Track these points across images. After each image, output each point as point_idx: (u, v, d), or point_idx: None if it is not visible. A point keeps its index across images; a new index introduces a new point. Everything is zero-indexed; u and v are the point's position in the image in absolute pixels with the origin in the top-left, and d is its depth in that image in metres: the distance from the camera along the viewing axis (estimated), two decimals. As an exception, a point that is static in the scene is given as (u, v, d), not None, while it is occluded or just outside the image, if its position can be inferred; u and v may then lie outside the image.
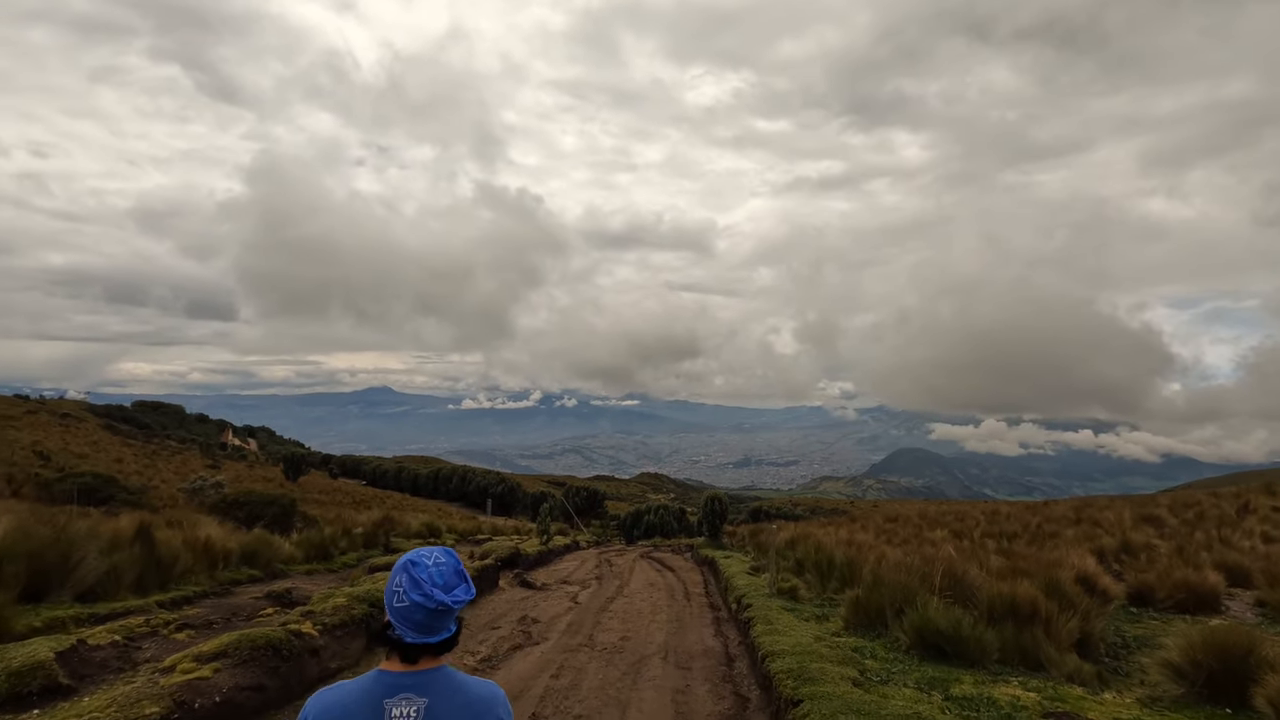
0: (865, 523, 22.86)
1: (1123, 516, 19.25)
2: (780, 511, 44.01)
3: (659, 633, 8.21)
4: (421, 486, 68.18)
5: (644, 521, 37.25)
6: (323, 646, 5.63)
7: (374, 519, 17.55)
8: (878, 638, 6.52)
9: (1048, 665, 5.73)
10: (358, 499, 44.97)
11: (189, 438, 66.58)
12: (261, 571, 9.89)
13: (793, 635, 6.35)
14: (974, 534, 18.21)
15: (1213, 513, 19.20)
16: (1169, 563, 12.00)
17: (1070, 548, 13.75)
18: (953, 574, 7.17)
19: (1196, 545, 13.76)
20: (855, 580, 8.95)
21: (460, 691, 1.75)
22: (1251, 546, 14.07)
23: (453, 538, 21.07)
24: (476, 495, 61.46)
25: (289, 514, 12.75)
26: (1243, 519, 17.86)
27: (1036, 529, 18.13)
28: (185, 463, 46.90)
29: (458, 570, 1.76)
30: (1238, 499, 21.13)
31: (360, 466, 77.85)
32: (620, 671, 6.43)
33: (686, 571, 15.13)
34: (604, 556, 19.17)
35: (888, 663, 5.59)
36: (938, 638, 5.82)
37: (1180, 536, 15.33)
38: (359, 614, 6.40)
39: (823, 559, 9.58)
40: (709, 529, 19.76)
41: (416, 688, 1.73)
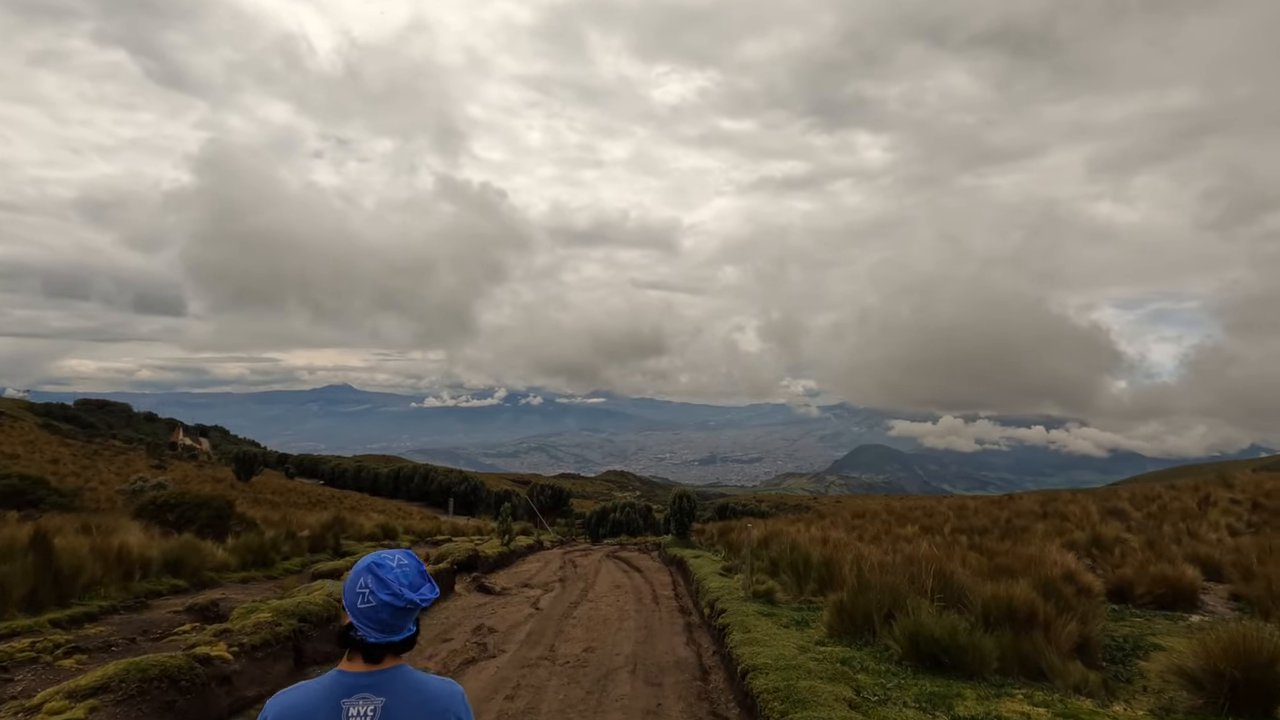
0: (835, 519, 22.56)
1: (1089, 510, 19.27)
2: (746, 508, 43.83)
3: (626, 642, 7.57)
4: (382, 486, 66.52)
5: (610, 520, 36.63)
6: (237, 672, 4.84)
7: (323, 521, 16.52)
8: (865, 646, 5.98)
9: (1050, 674, 5.26)
10: (314, 500, 43.37)
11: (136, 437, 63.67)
12: (188, 581, 8.94)
13: (774, 645, 5.77)
14: (944, 529, 18.00)
15: (1174, 505, 19.34)
16: (1144, 557, 11.82)
17: (1043, 543, 13.52)
18: (941, 575, 6.69)
19: (1166, 539, 13.68)
20: (834, 581, 8.44)
21: (418, 690, 1.75)
22: (1219, 539, 14.03)
23: (410, 539, 20.13)
24: (439, 495, 60.08)
25: (225, 517, 11.75)
26: (1204, 511, 17.99)
27: (1006, 524, 18.00)
28: (129, 463, 44.62)
29: (421, 571, 1.77)
30: (1196, 492, 21.40)
31: (318, 466, 75.72)
32: (584, 690, 5.77)
33: (654, 572, 14.52)
34: (569, 557, 18.45)
35: (881, 677, 5.05)
36: (933, 647, 5.30)
37: (1148, 530, 15.28)
38: (285, 631, 5.60)
39: (799, 559, 9.06)
40: (677, 527, 19.20)
41: (374, 687, 1.73)
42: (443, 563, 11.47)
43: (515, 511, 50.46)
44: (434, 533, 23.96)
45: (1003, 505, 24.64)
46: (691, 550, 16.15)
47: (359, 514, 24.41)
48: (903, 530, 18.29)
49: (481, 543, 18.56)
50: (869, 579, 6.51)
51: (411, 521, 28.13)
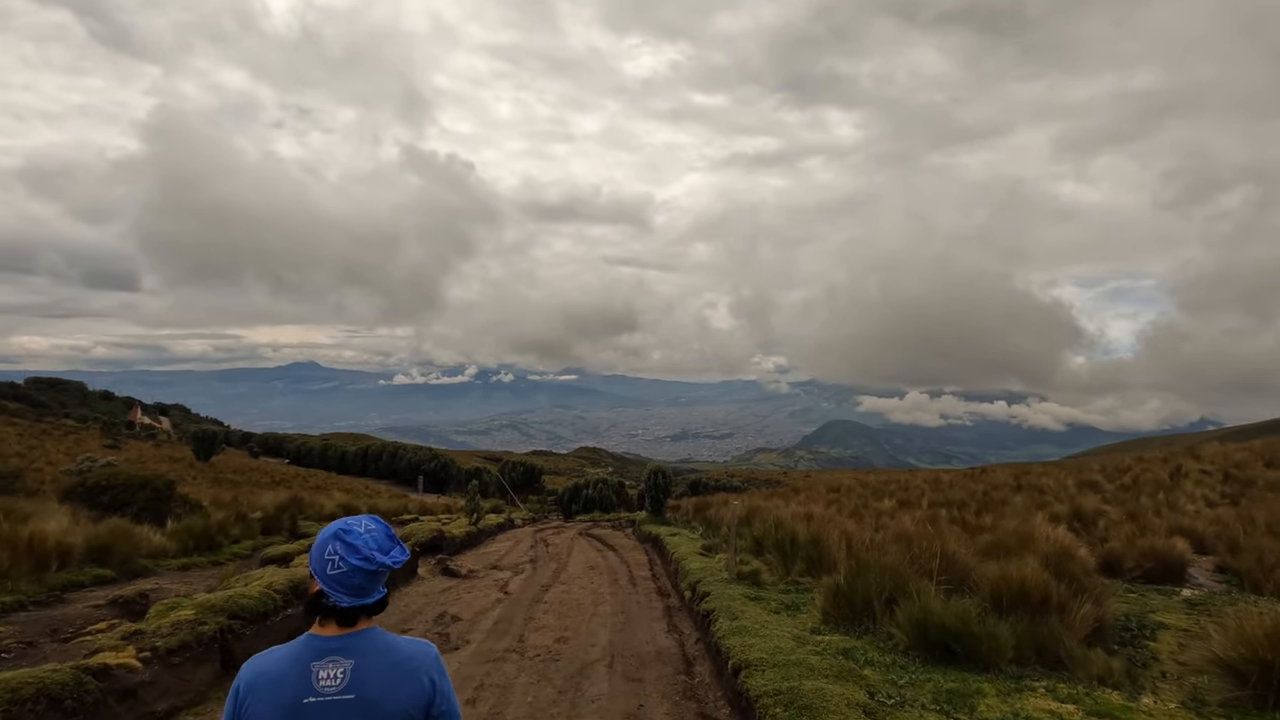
0: (810, 494, 22.29)
1: (1064, 483, 19.25)
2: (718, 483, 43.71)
3: (602, 630, 6.97)
4: (349, 464, 65.13)
5: (583, 496, 36.18)
6: (145, 684, 4.10)
7: (279, 501, 15.63)
8: (865, 634, 5.46)
9: (1069, 663, 4.80)
10: (277, 479, 42.12)
11: (91, 416, 61.21)
12: (116, 571, 8.09)
13: (766, 636, 5.20)
14: (922, 503, 17.78)
15: (1146, 478, 19.39)
16: (1129, 530, 11.59)
17: (1025, 516, 13.28)
18: (942, 554, 6.20)
19: (1146, 511, 13.54)
20: (824, 562, 7.95)
21: (389, 651, 1.73)
22: (1197, 510, 13.94)
23: (374, 519, 19.30)
24: (408, 472, 59.03)
25: (165, 498, 10.83)
26: (1177, 483, 18.03)
27: (983, 497, 17.84)
28: (80, 443, 42.72)
29: (389, 534, 1.77)
30: (1166, 464, 21.55)
31: (284, 445, 73.96)
32: (556, 688, 5.15)
33: (629, 551, 13.99)
34: (540, 535, 17.84)
35: (890, 672, 4.51)
36: (944, 636, 4.79)
37: (1126, 502, 15.17)
38: (209, 631, 4.85)
39: (784, 537, 8.54)
40: (652, 503, 18.69)
41: (344, 650, 1.69)
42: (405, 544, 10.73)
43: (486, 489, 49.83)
44: (400, 512, 23.13)
45: (976, 478, 24.65)
46: (668, 527, 15.64)
47: (321, 493, 23.47)
48: (880, 504, 18.04)
49: (449, 522, 17.83)
50: (867, 560, 5.98)
51: (378, 500, 27.23)
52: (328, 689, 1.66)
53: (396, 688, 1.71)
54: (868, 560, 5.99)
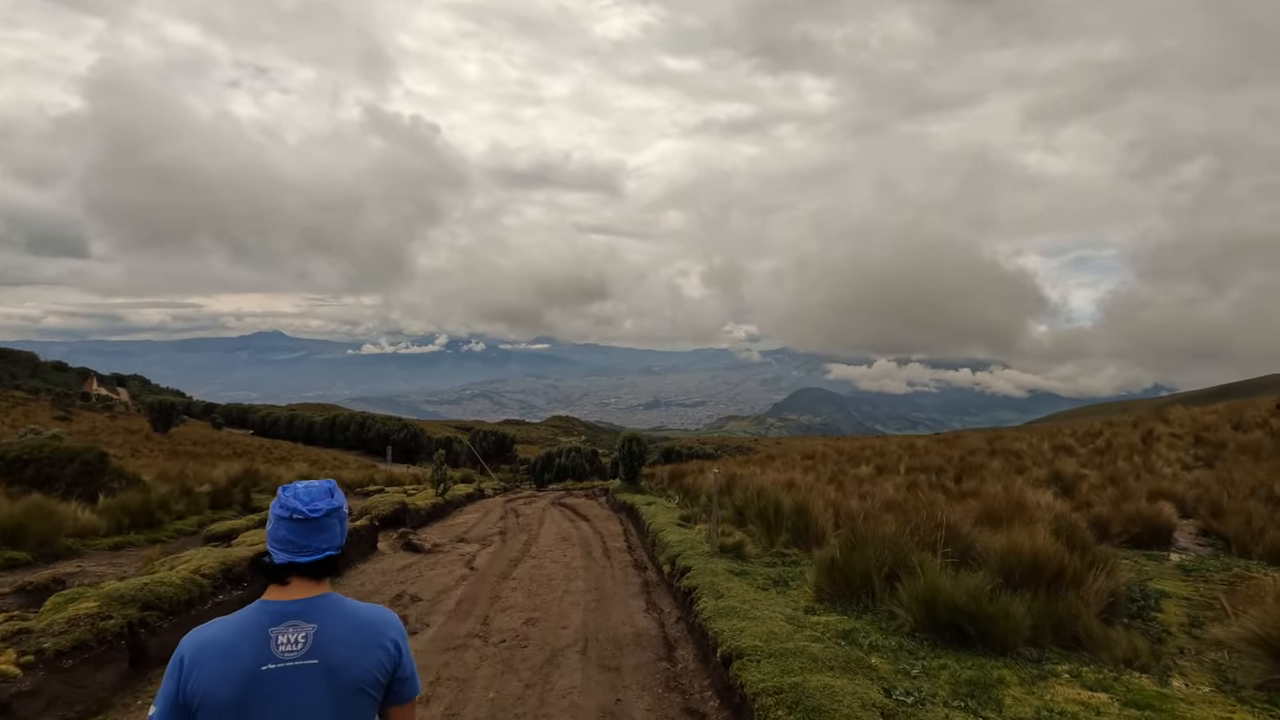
0: (787, 461, 22.02)
1: (1040, 447, 19.22)
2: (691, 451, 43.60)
3: (575, 610, 6.41)
4: (316, 435, 63.80)
5: (555, 465, 35.72)
6: (27, 693, 3.41)
7: (232, 473, 14.74)
8: (865, 613, 4.97)
9: (1090, 643, 4.37)
10: (239, 450, 40.85)
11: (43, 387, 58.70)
12: (33, 553, 7.28)
13: (757, 618, 4.68)
14: (899, 469, 17.57)
15: (1118, 441, 19.43)
16: (1113, 494, 11.39)
17: (1003, 481, 13.07)
18: (942, 524, 5.73)
19: (1124, 475, 13.42)
20: (810, 532, 7.48)
21: (350, 616, 1.67)
22: (1174, 474, 13.84)
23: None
24: (377, 443, 58.01)
25: (97, 471, 9.95)
26: (1149, 446, 18.07)
27: (961, 462, 17.65)
28: (29, 415, 40.80)
29: (329, 489, 1.73)
30: (1136, 428, 21.69)
31: (248, 416, 72.21)
32: (522, 681, 4.57)
33: (603, 521, 13.48)
34: (511, 506, 17.26)
35: (898, 658, 4.02)
36: (955, 616, 4.31)
37: (1105, 466, 15.08)
38: (115, 626, 4.14)
39: (767, 507, 8.05)
40: (626, 472, 18.19)
41: (305, 614, 1.61)
42: (363, 519, 10.04)
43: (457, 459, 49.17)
44: (365, 483, 22.33)
45: (950, 444, 24.64)
46: (643, 496, 15.16)
47: (283, 465, 22.52)
48: (858, 471, 17.80)
49: (415, 493, 17.13)
50: (864, 532, 5.47)
51: (344, 472, 26.38)
52: (288, 654, 1.58)
53: (362, 652, 1.64)
54: (865, 532, 5.49)
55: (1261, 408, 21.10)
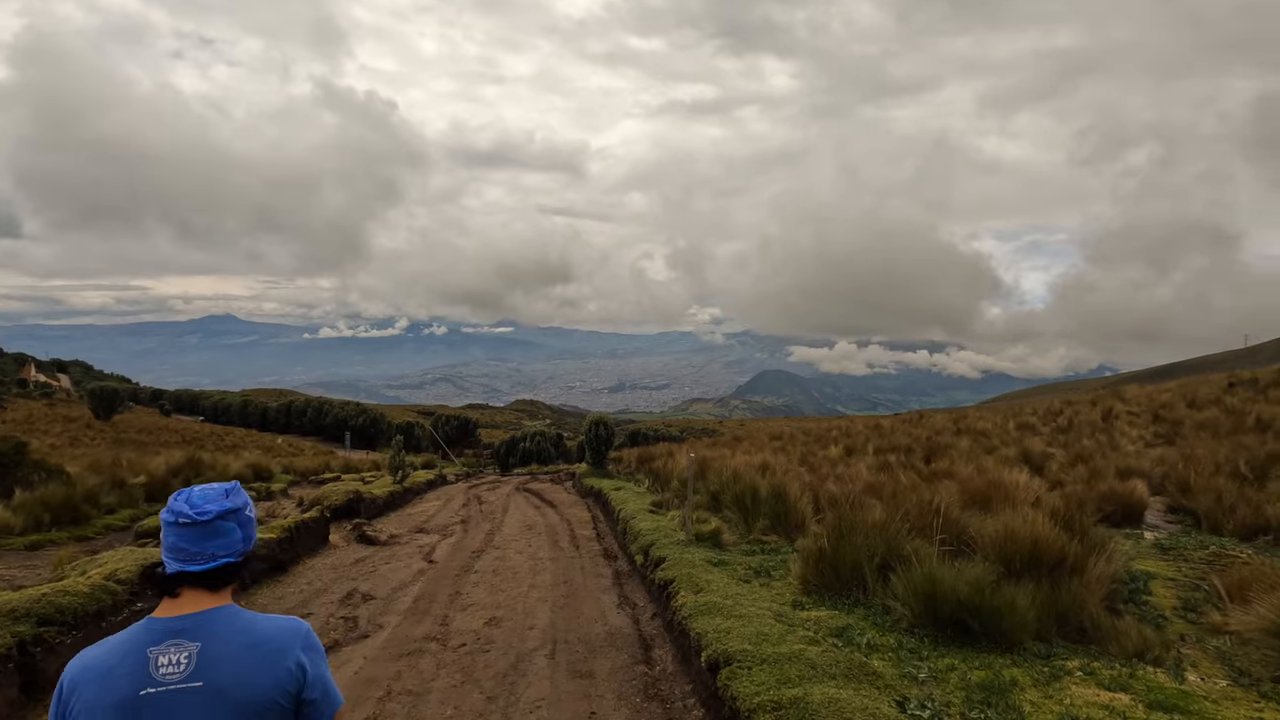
0: (755, 443, 21.84)
1: (1006, 426, 19.37)
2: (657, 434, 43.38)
3: (542, 606, 5.94)
4: (272, 421, 61.93)
5: (520, 449, 35.12)
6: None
7: (172, 463, 13.83)
8: (857, 606, 4.61)
9: (1097, 635, 4.08)
10: (189, 438, 39.20)
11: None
12: (-71, 555, 6.49)
13: (743, 615, 4.28)
14: (867, 449, 17.49)
15: (1080, 419, 19.70)
16: (1081, 473, 11.39)
17: (973, 460, 13.02)
18: (935, 509, 5.41)
19: (1091, 453, 13.48)
20: (790, 518, 7.14)
21: (246, 631, 1.47)
22: (1138, 451, 13.97)
23: (288, 479, 17.68)
24: (335, 429, 56.50)
25: (12, 463, 9.06)
26: (1110, 424, 18.34)
27: (928, 442, 17.64)
28: (-45, 403, 38.45)
29: (226, 490, 1.55)
30: (1095, 406, 22.07)
31: (199, 402, 69.67)
32: (484, 693, 4.09)
33: (570, 507, 13.01)
34: (474, 492, 16.67)
35: (901, 659, 3.65)
36: (957, 610, 3.97)
37: (1070, 444, 15.16)
38: (1, 646, 3.52)
39: (744, 492, 7.69)
40: (593, 456, 17.74)
41: (189, 631, 1.44)
42: (311, 510, 9.38)
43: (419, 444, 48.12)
44: (320, 470, 21.45)
45: (915, 423, 24.79)
46: (611, 481, 14.73)
47: (231, 453, 21.43)
48: (827, 452, 17.68)
49: (373, 481, 16.41)
50: (853, 519, 5.11)
51: (299, 459, 25.31)
52: (169, 677, 1.41)
53: (255, 674, 1.45)
54: (853, 519, 5.12)
55: (1214, 386, 21.64)
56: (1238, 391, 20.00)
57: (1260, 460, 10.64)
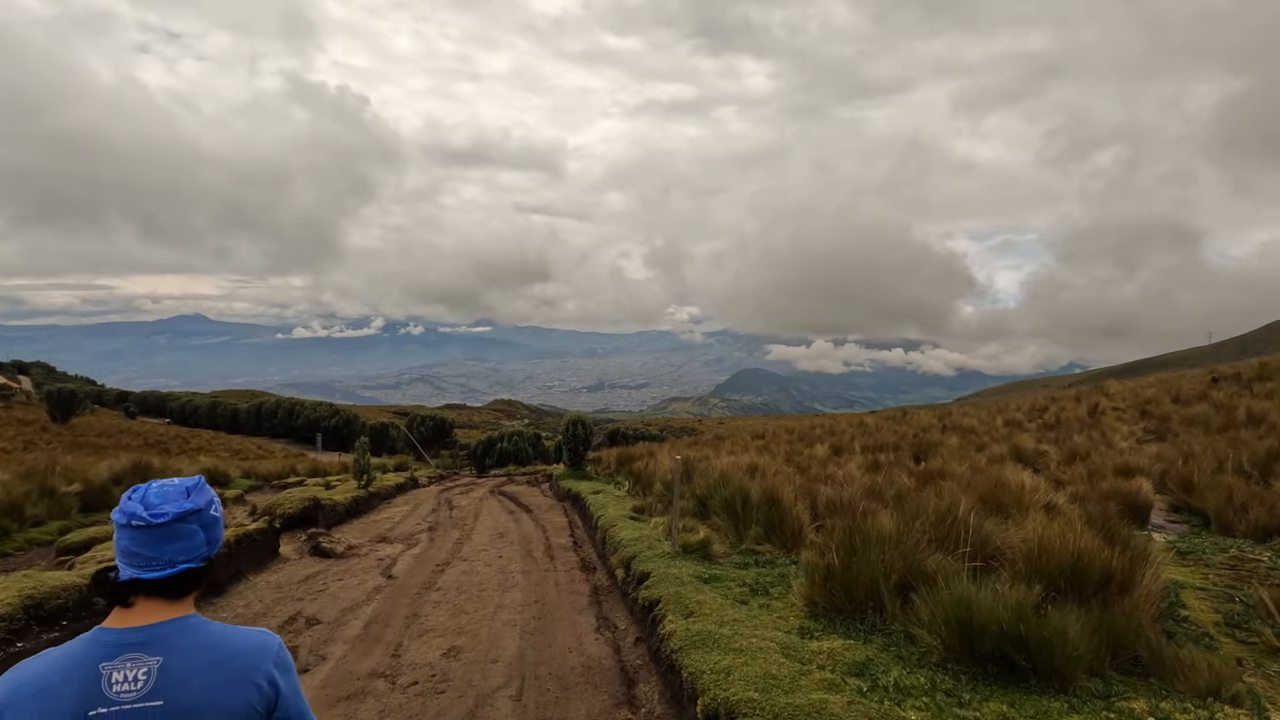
0: (737, 442, 21.25)
1: (994, 423, 19.00)
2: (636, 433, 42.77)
3: (509, 633, 5.21)
4: (242, 423, 60.20)
5: (497, 450, 34.25)
6: None
7: (118, 468, 12.83)
8: (874, 634, 3.97)
9: (1158, 667, 3.48)
10: (152, 441, 37.73)
11: (-69, 377, 53.33)
12: None
13: (744, 648, 3.61)
14: (854, 448, 16.98)
15: (1066, 415, 19.42)
16: (1083, 470, 10.93)
17: (966, 458, 12.54)
18: (956, 519, 4.80)
19: (1086, 450, 13.07)
20: (784, 525, 6.49)
21: (212, 646, 1.34)
22: (1131, 448, 13.60)
23: (247, 484, 16.69)
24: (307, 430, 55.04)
25: (-81, 473, 8.11)
26: (1097, 420, 18.05)
27: (915, 440, 17.17)
28: (-99, 407, 36.58)
29: (188, 488, 1.41)
30: (1080, 402, 21.85)
31: (165, 403, 67.58)
32: (434, 750, 3.37)
33: (546, 512, 12.27)
34: (446, 496, 15.83)
35: (937, 706, 3.00)
36: (998, 641, 3.34)
37: (1062, 441, 14.76)
38: None
39: (734, 496, 7.03)
40: (570, 456, 17.00)
41: (148, 645, 1.30)
42: (257, 521, 8.54)
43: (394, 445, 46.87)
44: (284, 474, 20.40)
45: (900, 421, 24.41)
46: (589, 483, 14.01)
47: (183, 457, 20.33)
48: (812, 451, 17.13)
49: (338, 485, 15.50)
50: (866, 530, 4.47)
51: (263, 463, 24.19)
52: (124, 695, 1.26)
53: (222, 692, 1.31)
54: (866, 530, 4.48)
55: (1197, 381, 21.53)
56: (1222, 386, 19.85)
57: (1261, 457, 10.23)
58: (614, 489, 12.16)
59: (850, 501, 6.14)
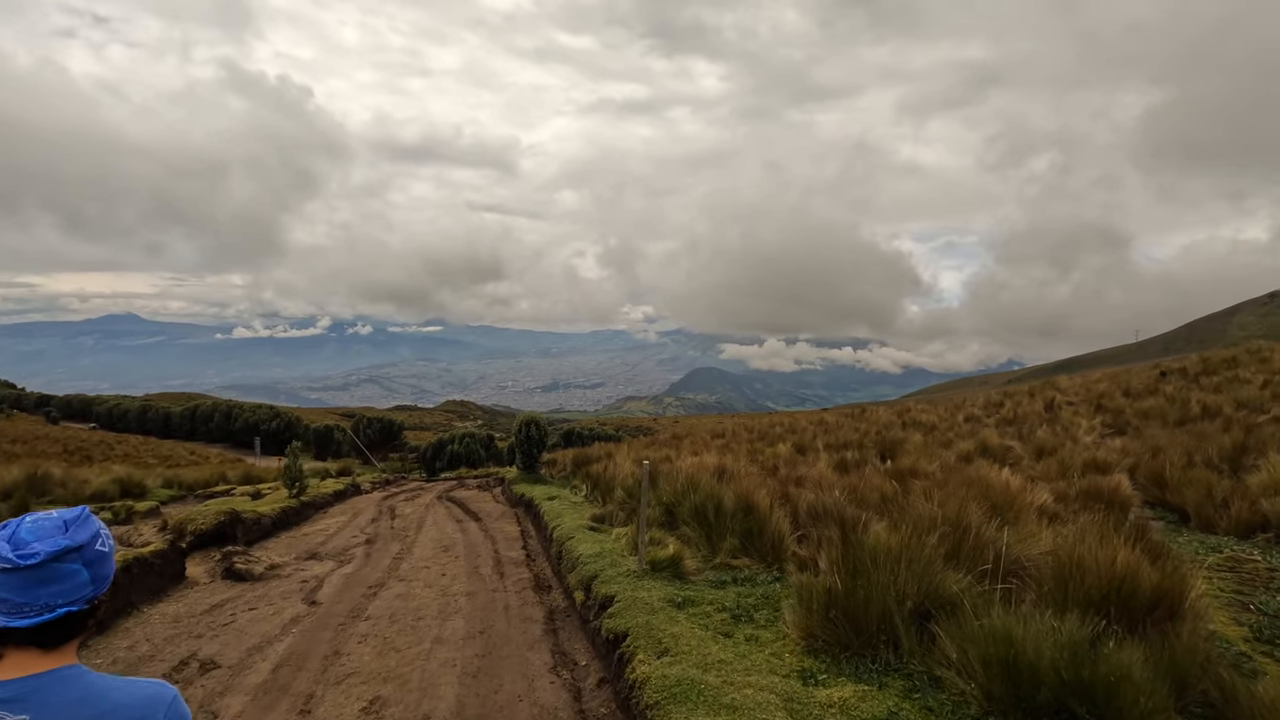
0: (697, 441, 20.62)
1: (954, 419, 18.86)
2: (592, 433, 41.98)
3: (447, 675, 4.36)
4: (175, 427, 56.97)
5: (448, 452, 32.95)
6: None
7: (7, 481, 11.36)
8: (891, 674, 3.28)
9: (1234, 708, 2.90)
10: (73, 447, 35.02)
11: None
12: None
13: (736, 702, 2.88)
14: (817, 446, 16.53)
15: (1022, 411, 19.44)
16: (1055, 467, 10.61)
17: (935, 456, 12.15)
18: (966, 529, 4.17)
19: (1054, 446, 12.85)
20: (762, 535, 5.79)
21: (91, 701, 1.19)
22: (1095, 442, 13.45)
23: (167, 494, 15.26)
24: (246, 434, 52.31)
25: None
26: (1054, 415, 18.06)
27: (878, 437, 16.82)
28: None
29: (66, 522, 1.25)
30: (1033, 397, 22.00)
31: (92, 407, 63.54)
32: None
33: (497, 520, 11.36)
34: (390, 503, 14.72)
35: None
36: (1057, 689, 2.70)
37: (1026, 437, 14.57)
38: None
39: (705, 503, 6.31)
40: (523, 459, 16.07)
41: (15, 702, 1.17)
42: (156, 541, 7.41)
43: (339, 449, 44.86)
44: (212, 482, 18.84)
45: (859, 418, 24.20)
46: (544, 487, 13.14)
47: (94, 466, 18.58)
48: (775, 450, 16.61)
49: (270, 493, 14.21)
50: (873, 546, 3.79)
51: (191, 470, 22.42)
52: None
53: None
54: (867, 545, 3.80)
55: (1146, 376, 21.91)
56: (1170, 380, 20.19)
57: (1228, 450, 10.06)
58: (570, 494, 11.33)
59: (835, 509, 5.49)
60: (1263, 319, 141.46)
